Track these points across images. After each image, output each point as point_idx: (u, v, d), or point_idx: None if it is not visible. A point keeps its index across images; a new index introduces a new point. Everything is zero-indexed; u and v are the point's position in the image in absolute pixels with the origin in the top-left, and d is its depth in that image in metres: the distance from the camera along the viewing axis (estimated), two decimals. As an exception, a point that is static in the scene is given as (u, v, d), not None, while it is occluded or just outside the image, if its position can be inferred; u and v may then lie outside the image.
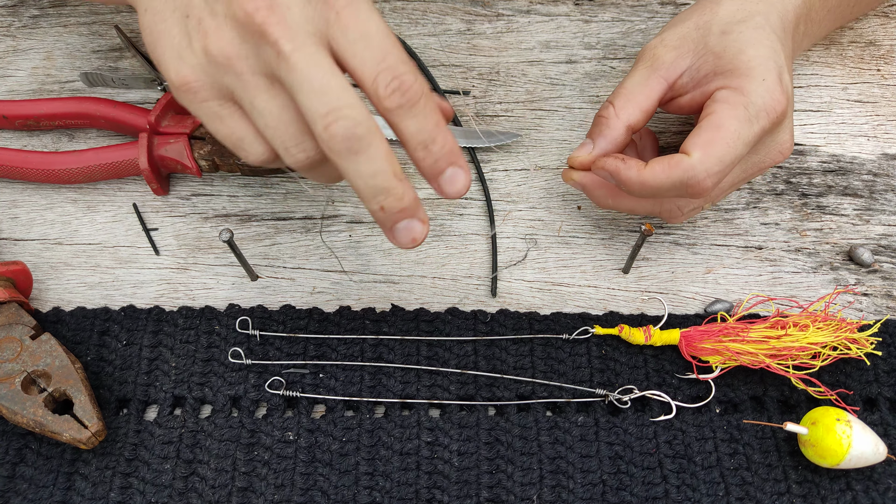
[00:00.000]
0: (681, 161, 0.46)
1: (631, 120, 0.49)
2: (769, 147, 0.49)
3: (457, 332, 0.52)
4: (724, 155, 0.45)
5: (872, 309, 0.55)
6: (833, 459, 0.46)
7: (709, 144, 0.45)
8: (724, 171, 0.46)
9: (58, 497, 0.46)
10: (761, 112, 0.46)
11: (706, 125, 0.46)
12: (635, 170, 0.47)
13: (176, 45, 0.39)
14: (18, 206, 0.58)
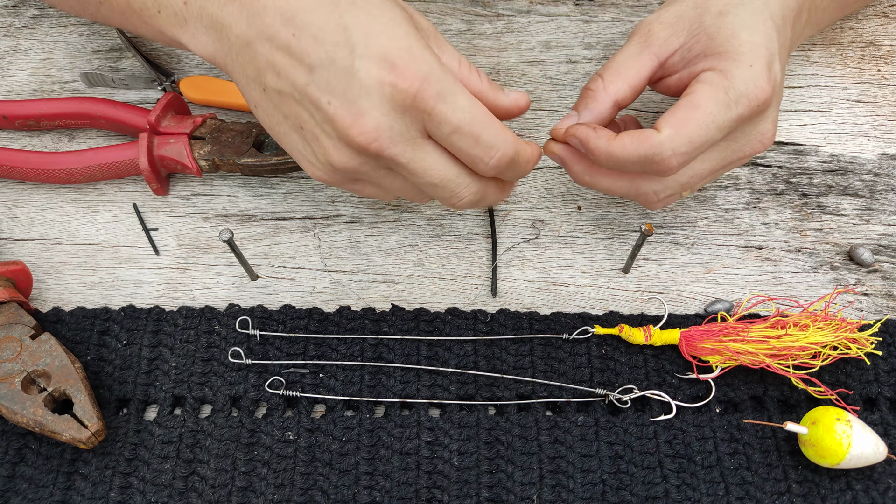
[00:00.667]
0: (650, 136, 0.45)
1: (619, 95, 0.49)
2: (749, 135, 0.48)
3: (457, 332, 0.52)
4: (694, 136, 0.45)
5: (872, 309, 0.55)
6: (833, 459, 0.46)
7: (681, 123, 0.45)
8: (691, 153, 0.45)
9: (58, 497, 0.46)
10: (742, 98, 0.45)
11: (683, 104, 0.45)
12: (605, 139, 0.46)
13: (301, 150, 0.44)
14: (18, 206, 0.58)
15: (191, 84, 0.61)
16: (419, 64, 0.40)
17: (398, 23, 0.41)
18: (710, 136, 0.45)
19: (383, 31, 0.40)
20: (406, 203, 0.58)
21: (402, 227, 0.57)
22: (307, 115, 0.42)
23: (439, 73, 0.40)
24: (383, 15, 0.41)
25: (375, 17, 0.40)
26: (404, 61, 0.40)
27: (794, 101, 0.63)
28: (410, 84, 0.40)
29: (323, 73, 0.40)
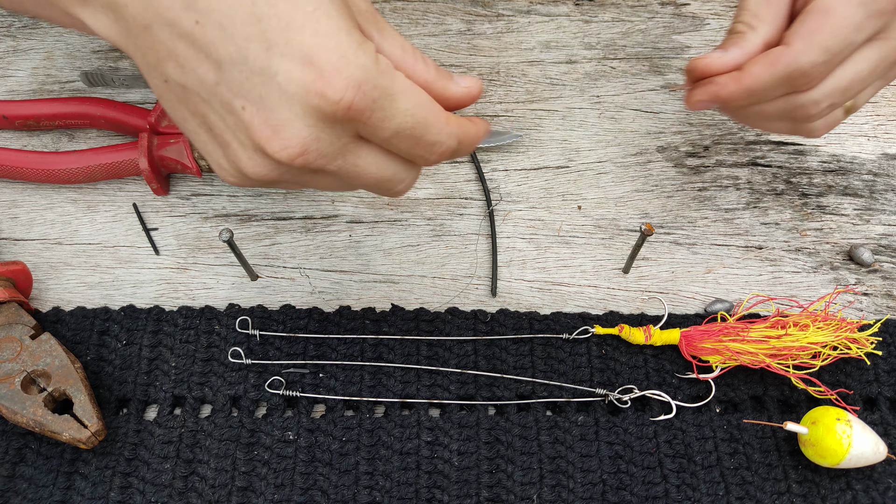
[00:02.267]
0: (780, 55, 0.43)
1: (768, 36, 0.45)
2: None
3: (457, 331, 0.52)
4: (829, 44, 0.42)
5: (872, 308, 0.55)
6: (833, 459, 0.46)
7: (814, 31, 0.42)
8: (831, 61, 0.43)
9: (58, 497, 0.46)
10: None
11: (812, 9, 0.43)
12: (732, 81, 0.44)
13: (211, 152, 0.39)
14: (18, 206, 0.58)
15: (191, 84, 0.61)
16: (351, 68, 0.34)
17: (326, 11, 0.34)
18: (849, 39, 0.42)
19: (307, 24, 0.34)
20: (406, 203, 0.58)
21: (402, 227, 0.57)
22: (216, 117, 0.37)
23: (375, 77, 0.35)
24: (308, 1, 0.34)
25: (297, 4, 0.34)
26: (333, 65, 0.34)
27: None
28: (342, 94, 0.34)
29: (234, 72, 0.34)
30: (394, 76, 0.36)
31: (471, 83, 0.41)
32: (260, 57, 0.34)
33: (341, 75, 0.34)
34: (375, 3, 0.67)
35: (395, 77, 0.36)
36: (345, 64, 0.34)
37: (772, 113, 0.47)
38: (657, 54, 0.65)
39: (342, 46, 0.34)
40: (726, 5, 0.68)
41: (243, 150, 0.37)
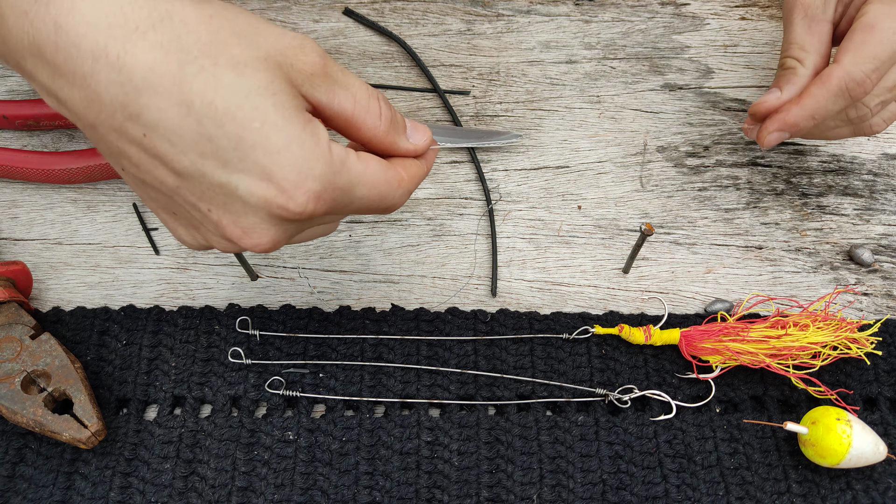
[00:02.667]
0: (832, 72, 0.48)
1: (817, 65, 0.50)
2: None
3: (457, 331, 0.52)
4: (877, 52, 0.47)
5: (872, 308, 0.55)
6: (833, 459, 0.46)
7: (861, 45, 0.47)
8: (881, 68, 0.47)
9: (58, 497, 0.46)
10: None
11: (857, 27, 0.48)
12: (795, 108, 0.49)
13: (175, 229, 0.40)
14: (18, 206, 0.58)
15: (191, 84, 0.61)
16: (308, 182, 0.35)
17: (273, 123, 0.34)
18: (894, 46, 0.47)
19: (258, 142, 0.34)
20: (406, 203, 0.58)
21: (402, 227, 0.57)
22: (182, 210, 0.38)
23: (332, 182, 0.36)
24: (253, 111, 0.34)
25: (244, 124, 0.34)
26: (291, 182, 0.35)
27: None
28: (303, 207, 0.35)
29: (193, 181, 0.35)
30: (349, 171, 0.37)
31: (418, 141, 0.42)
32: (217, 172, 0.34)
33: (300, 190, 0.35)
34: (375, 3, 0.67)
35: (350, 170, 0.37)
36: (302, 179, 0.35)
37: (833, 123, 0.51)
38: (657, 54, 0.65)
39: (297, 161, 0.35)
40: (726, 5, 0.68)
41: (216, 238, 0.38)
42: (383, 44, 0.66)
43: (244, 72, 0.34)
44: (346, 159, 0.37)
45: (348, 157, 0.37)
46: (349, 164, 0.37)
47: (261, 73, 0.34)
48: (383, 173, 0.39)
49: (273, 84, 0.35)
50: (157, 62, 0.33)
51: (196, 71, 0.33)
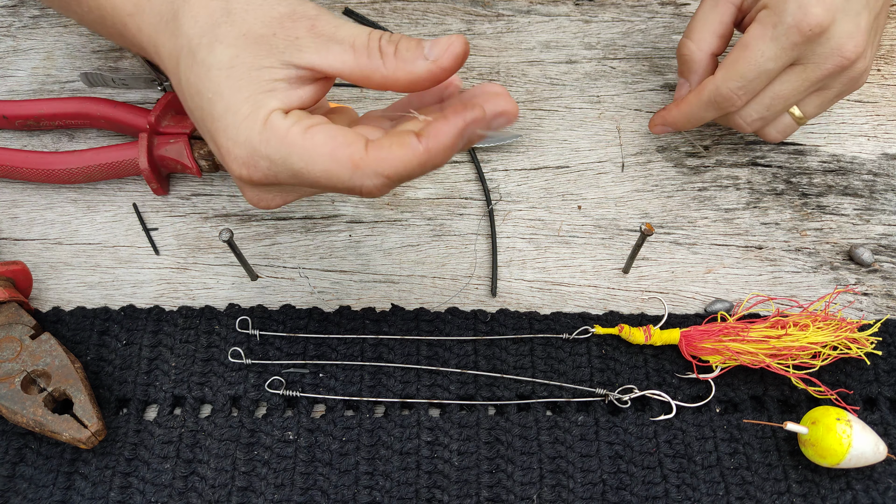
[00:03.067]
0: (706, 84, 0.52)
1: (712, 47, 0.54)
2: (821, 54, 0.49)
3: (457, 331, 0.52)
4: (744, 71, 0.50)
5: (872, 308, 0.55)
6: (833, 459, 0.46)
7: (733, 63, 0.50)
8: (748, 86, 0.50)
9: (58, 497, 0.46)
10: (791, 29, 0.48)
11: (737, 45, 0.51)
12: (674, 108, 0.55)
13: None
14: (18, 206, 0.58)
15: (191, 84, 0.61)
16: (235, 149, 0.39)
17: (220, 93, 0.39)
18: (764, 67, 0.50)
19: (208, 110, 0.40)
20: (406, 203, 0.58)
21: (402, 227, 0.57)
22: None
23: (258, 149, 0.38)
24: (209, 83, 0.39)
25: (202, 93, 0.40)
26: (225, 148, 0.39)
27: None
28: (240, 172, 0.39)
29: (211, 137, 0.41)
30: (282, 141, 0.38)
31: (437, 52, 0.38)
32: (205, 136, 0.42)
33: (230, 155, 0.39)
34: (375, 3, 0.67)
35: (284, 140, 0.38)
36: (231, 145, 0.39)
37: (726, 124, 0.56)
38: (657, 54, 0.65)
39: (228, 128, 0.39)
40: (726, 5, 0.68)
41: None
42: (383, 44, 0.65)
43: (214, 48, 0.39)
44: (284, 131, 0.38)
45: (289, 129, 0.38)
46: (284, 134, 0.38)
47: (229, 48, 0.39)
48: (329, 149, 0.37)
49: (236, 58, 0.39)
50: (173, 45, 0.42)
51: (189, 49, 0.40)
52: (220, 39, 0.40)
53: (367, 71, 0.39)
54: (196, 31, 0.40)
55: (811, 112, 0.53)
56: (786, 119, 0.54)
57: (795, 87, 0.51)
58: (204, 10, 0.41)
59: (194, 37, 0.40)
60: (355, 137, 0.38)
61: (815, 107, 0.53)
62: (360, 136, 0.38)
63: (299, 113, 0.39)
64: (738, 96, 0.51)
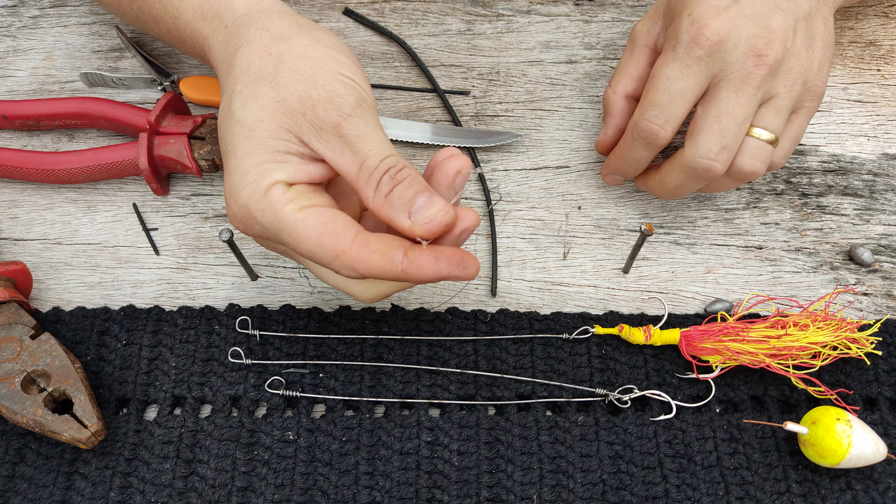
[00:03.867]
0: (632, 119, 0.52)
1: (627, 90, 0.54)
2: (734, 62, 0.48)
3: (457, 331, 0.52)
4: (656, 97, 0.49)
5: (872, 308, 0.55)
6: (833, 459, 0.46)
7: (645, 94, 0.50)
8: (665, 112, 0.49)
9: (58, 497, 0.46)
10: (689, 45, 0.48)
11: (648, 79, 0.51)
12: (611, 156, 0.55)
13: None
14: (18, 206, 0.58)
15: (191, 84, 0.61)
16: (233, 206, 0.42)
17: (235, 151, 0.42)
18: (674, 89, 0.49)
19: (225, 161, 0.43)
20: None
21: (402, 227, 0.57)
22: None
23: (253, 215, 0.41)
24: (231, 137, 0.42)
25: (224, 141, 0.43)
26: (227, 201, 0.42)
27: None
28: (234, 224, 0.43)
29: None
30: (276, 214, 0.40)
31: (420, 219, 0.40)
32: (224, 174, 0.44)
33: (230, 210, 0.42)
34: (375, 3, 0.67)
35: (278, 214, 0.40)
36: (231, 202, 0.42)
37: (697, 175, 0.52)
38: (657, 54, 0.65)
39: (233, 187, 0.41)
40: (726, 5, 0.68)
41: None
42: (383, 44, 0.66)
43: (248, 105, 0.42)
44: (280, 206, 0.40)
45: (284, 206, 0.40)
46: (279, 209, 0.40)
47: (260, 111, 0.41)
48: (316, 234, 0.39)
49: (260, 122, 0.41)
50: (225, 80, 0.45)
51: (231, 93, 0.43)
52: (256, 97, 0.42)
53: (360, 191, 0.41)
54: (242, 78, 0.42)
55: (773, 126, 0.49)
56: (751, 142, 0.49)
57: (734, 101, 0.48)
58: (257, 60, 0.43)
59: (238, 83, 0.42)
60: (345, 228, 0.40)
61: (772, 119, 0.49)
62: (352, 227, 0.40)
63: (301, 189, 0.41)
64: (658, 125, 0.49)
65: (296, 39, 0.43)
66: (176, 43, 0.53)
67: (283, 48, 0.43)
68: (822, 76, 0.50)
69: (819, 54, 0.50)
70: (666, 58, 0.49)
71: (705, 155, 0.49)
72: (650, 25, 0.53)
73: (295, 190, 0.41)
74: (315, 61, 0.42)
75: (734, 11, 0.48)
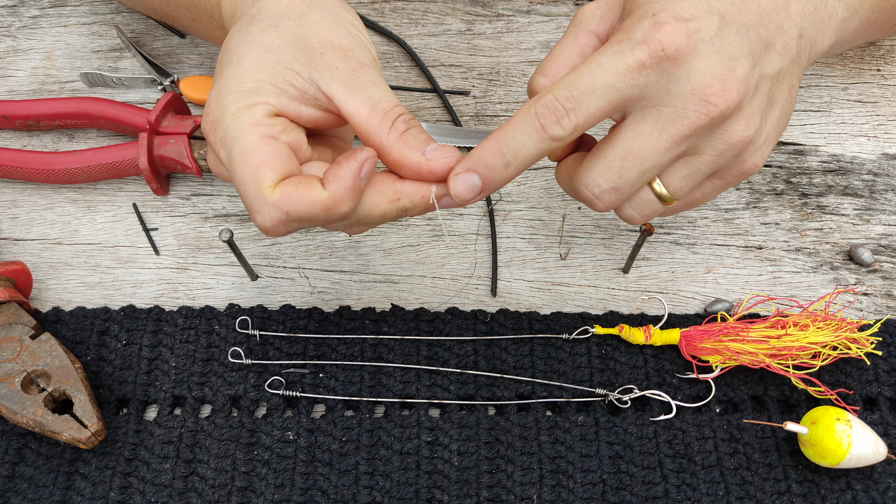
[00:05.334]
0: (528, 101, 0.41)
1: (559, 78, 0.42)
2: (677, 94, 0.40)
3: (457, 331, 0.52)
4: (575, 80, 0.39)
5: (872, 308, 0.55)
6: (833, 459, 0.46)
7: (565, 75, 0.40)
8: (577, 101, 0.39)
9: (58, 497, 0.46)
10: (639, 44, 0.39)
11: None
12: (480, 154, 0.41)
13: None
14: (18, 206, 0.58)
15: (191, 84, 0.61)
16: (211, 107, 0.41)
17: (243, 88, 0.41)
18: (598, 81, 0.39)
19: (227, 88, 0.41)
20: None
21: (402, 227, 0.57)
22: None
23: (223, 120, 0.40)
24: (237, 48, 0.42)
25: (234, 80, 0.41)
26: (216, 120, 0.40)
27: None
28: (214, 143, 0.41)
29: None
30: (243, 126, 0.39)
31: (436, 155, 0.40)
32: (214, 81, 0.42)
33: (208, 108, 0.41)
34: (375, 3, 0.67)
35: (242, 127, 0.39)
36: (213, 101, 0.41)
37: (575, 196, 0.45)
38: (657, 54, 0.65)
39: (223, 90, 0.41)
40: (726, 5, 0.68)
41: None
42: (383, 44, 0.66)
43: (267, 31, 0.42)
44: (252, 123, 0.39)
45: (255, 125, 0.39)
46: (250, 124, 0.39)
47: (278, 38, 0.41)
48: (256, 162, 0.38)
49: (276, 48, 0.41)
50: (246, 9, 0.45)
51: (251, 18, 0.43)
52: (277, 28, 0.42)
53: (371, 131, 0.40)
54: (267, 10, 0.43)
55: (677, 187, 0.43)
56: (645, 195, 0.43)
57: (651, 143, 0.40)
58: (286, 1, 0.43)
59: (262, 13, 0.43)
60: (288, 170, 0.39)
61: (681, 180, 0.42)
62: (293, 171, 0.39)
63: (281, 121, 0.41)
64: (564, 109, 0.39)
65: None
66: None
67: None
68: (762, 153, 0.43)
69: (770, 126, 0.42)
70: (607, 48, 0.40)
71: (591, 187, 0.42)
72: (605, 12, 0.44)
73: (275, 120, 0.40)
74: (339, 19, 0.43)
75: (702, 34, 0.39)
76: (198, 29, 0.56)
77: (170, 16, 0.57)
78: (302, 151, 0.42)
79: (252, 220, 0.41)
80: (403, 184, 0.41)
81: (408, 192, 0.41)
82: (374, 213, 0.41)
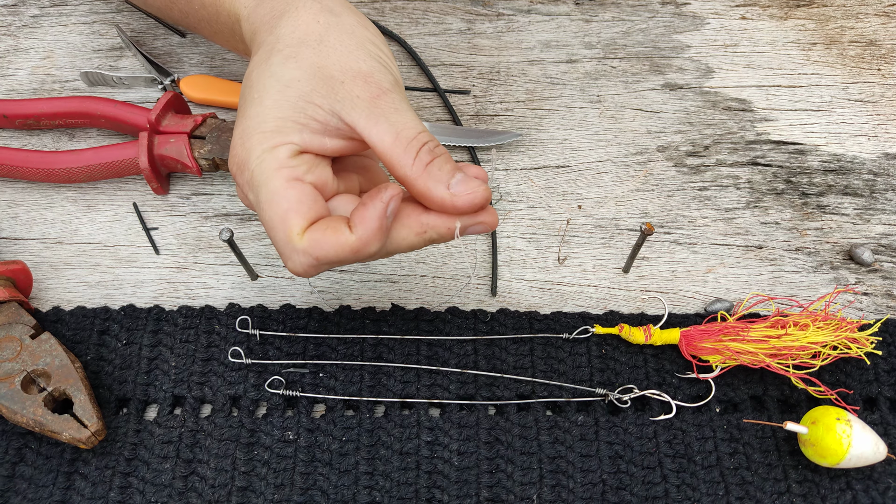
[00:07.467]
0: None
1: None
2: None
3: (457, 331, 0.52)
4: None
5: (873, 308, 0.55)
6: (833, 459, 0.46)
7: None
8: None
9: (57, 497, 0.46)
10: None
11: None
12: None
13: None
14: (18, 206, 0.58)
15: (191, 83, 0.61)
16: (236, 150, 0.41)
17: (266, 129, 0.40)
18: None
19: (251, 130, 0.41)
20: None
21: (402, 226, 0.57)
22: None
23: (247, 164, 0.40)
24: (261, 79, 0.41)
25: (256, 120, 0.41)
26: (242, 163, 0.41)
27: (794, 100, 0.63)
28: (241, 186, 0.42)
29: None
30: (267, 171, 0.40)
31: (460, 189, 0.40)
32: (237, 120, 0.43)
33: (233, 153, 0.42)
34: (376, 2, 0.67)
35: (267, 171, 0.40)
36: (237, 144, 0.41)
37: None
38: (657, 54, 0.65)
39: (246, 131, 0.41)
40: (727, 4, 0.68)
41: None
42: (383, 43, 0.65)
43: (287, 63, 0.41)
44: (276, 167, 0.40)
45: (279, 168, 0.40)
46: (274, 168, 0.40)
47: (298, 71, 0.41)
48: (284, 209, 0.39)
49: (296, 82, 0.41)
50: (265, 38, 0.44)
51: (270, 49, 0.43)
52: (296, 58, 0.41)
53: (395, 162, 0.40)
54: (286, 39, 0.42)
55: None
56: None
57: None
58: (304, 25, 0.43)
59: (281, 42, 0.42)
60: (315, 213, 0.39)
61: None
62: (321, 214, 0.40)
63: (306, 160, 0.41)
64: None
65: (345, 17, 0.44)
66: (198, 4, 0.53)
67: (332, 21, 0.43)
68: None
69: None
70: None
71: None
72: None
73: (300, 159, 0.40)
74: (359, 40, 0.43)
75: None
76: (219, 41, 0.56)
77: (191, 26, 0.57)
78: (328, 187, 0.42)
79: (283, 264, 0.41)
80: (430, 216, 0.41)
81: (434, 225, 0.41)
82: (401, 246, 0.41)
